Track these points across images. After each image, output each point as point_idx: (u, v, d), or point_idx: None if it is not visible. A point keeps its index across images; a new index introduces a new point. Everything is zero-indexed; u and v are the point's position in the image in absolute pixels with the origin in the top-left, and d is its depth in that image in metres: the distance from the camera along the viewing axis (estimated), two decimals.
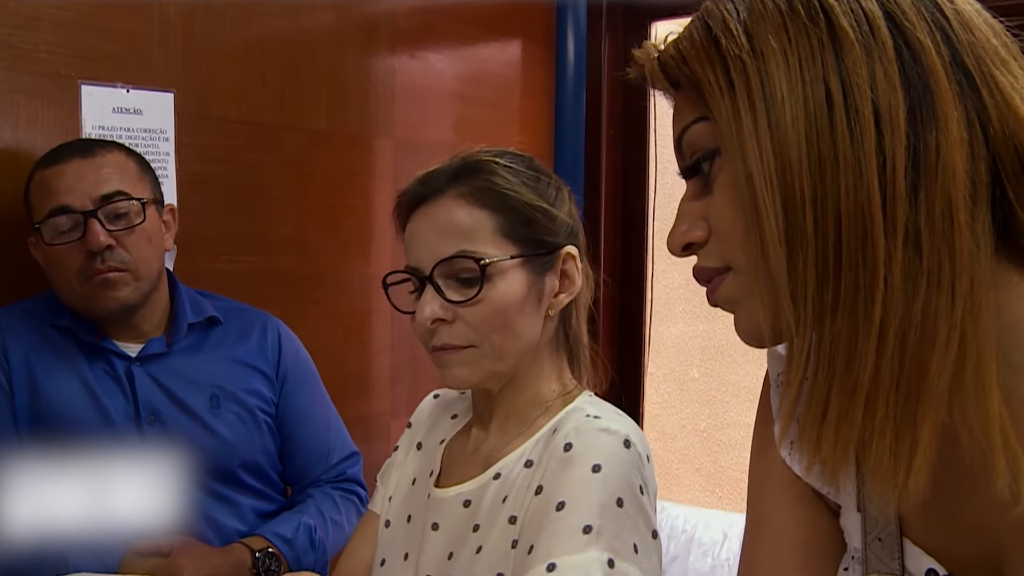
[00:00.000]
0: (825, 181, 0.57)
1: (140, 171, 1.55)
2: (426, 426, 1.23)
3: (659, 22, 2.71)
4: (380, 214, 2.20)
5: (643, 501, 0.99)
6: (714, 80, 0.61)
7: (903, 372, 0.57)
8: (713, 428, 3.34)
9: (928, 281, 0.56)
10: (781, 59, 0.59)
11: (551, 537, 0.95)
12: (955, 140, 0.57)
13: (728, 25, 0.61)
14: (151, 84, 1.76)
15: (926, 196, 0.56)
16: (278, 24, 2.00)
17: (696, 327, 3.31)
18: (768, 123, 0.58)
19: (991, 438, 0.57)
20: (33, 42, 1.62)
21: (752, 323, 0.64)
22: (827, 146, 0.57)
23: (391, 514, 1.19)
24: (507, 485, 1.05)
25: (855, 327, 0.57)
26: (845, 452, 0.59)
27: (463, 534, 1.06)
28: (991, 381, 0.57)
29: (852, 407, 0.58)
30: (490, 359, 1.05)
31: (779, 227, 0.58)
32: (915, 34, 0.58)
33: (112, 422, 1.48)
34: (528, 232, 1.06)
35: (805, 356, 0.59)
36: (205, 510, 1.54)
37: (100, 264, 1.44)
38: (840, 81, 0.57)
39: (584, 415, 1.04)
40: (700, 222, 0.66)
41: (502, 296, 1.04)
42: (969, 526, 0.64)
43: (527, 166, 1.10)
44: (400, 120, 2.24)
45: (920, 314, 0.56)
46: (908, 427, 0.57)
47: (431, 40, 2.33)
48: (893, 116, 0.56)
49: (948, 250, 0.56)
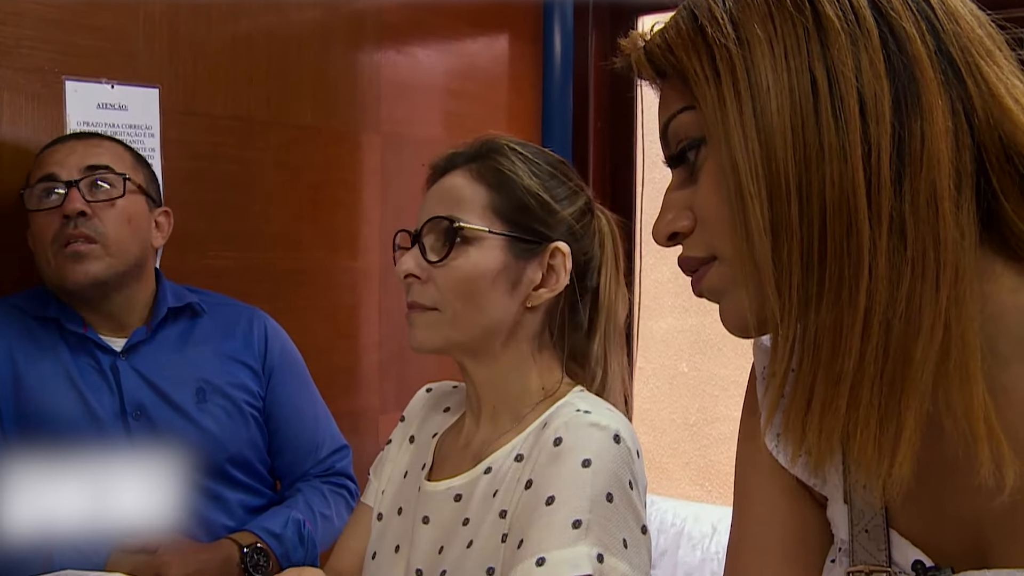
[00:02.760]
0: (810, 170, 0.57)
1: (135, 162, 1.57)
2: (419, 419, 1.23)
3: (645, 16, 2.71)
4: (368, 209, 2.20)
5: (632, 496, 0.99)
6: (700, 69, 0.61)
7: (888, 361, 0.57)
8: (702, 422, 3.35)
9: (913, 270, 0.56)
10: (767, 48, 0.59)
11: (541, 531, 0.95)
12: (940, 129, 0.57)
13: (714, 14, 0.61)
14: (136, 80, 1.75)
15: (911, 185, 0.56)
16: (264, 19, 2.00)
17: (685, 321, 3.31)
18: (753, 111, 0.59)
19: (975, 427, 0.57)
20: (16, 38, 1.61)
21: (737, 313, 0.64)
22: (812, 135, 0.57)
23: (383, 507, 1.19)
24: (497, 479, 1.05)
25: (840, 316, 0.57)
26: (830, 441, 0.59)
27: (454, 528, 1.06)
28: (975, 370, 0.57)
29: (837, 396, 0.58)
30: (449, 325, 1.07)
31: (764, 216, 0.58)
32: (900, 23, 0.58)
33: (98, 417, 1.47)
34: (520, 216, 1.08)
35: (790, 346, 0.60)
36: (193, 506, 1.53)
37: (72, 229, 1.45)
38: (826, 70, 0.57)
39: (574, 410, 1.04)
40: (685, 212, 0.66)
41: (473, 266, 1.06)
42: (954, 516, 0.64)
43: (546, 161, 1.12)
44: (387, 115, 2.23)
45: (905, 303, 0.56)
46: (892, 416, 0.58)
47: (418, 35, 2.32)
48: (878, 105, 0.57)
49: (933, 239, 0.56)
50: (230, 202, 1.94)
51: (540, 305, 1.10)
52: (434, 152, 1.16)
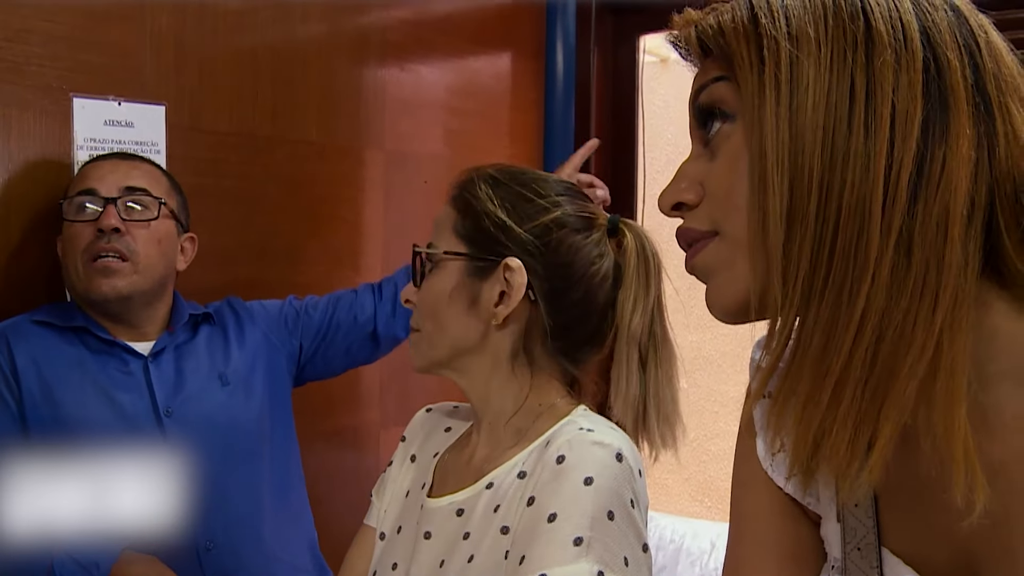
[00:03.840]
0: (834, 170, 0.59)
1: (170, 187, 1.64)
2: (420, 439, 1.24)
3: (647, 34, 2.73)
4: (371, 225, 2.21)
5: (634, 514, 1.00)
6: (746, 55, 0.63)
7: (874, 368, 0.58)
8: (702, 438, 3.36)
9: (913, 286, 0.58)
10: (815, 47, 0.60)
11: (542, 548, 0.96)
12: (963, 158, 0.58)
13: (771, 6, 0.63)
14: (143, 96, 1.77)
15: (924, 205, 0.58)
16: (269, 37, 2.01)
17: (685, 338, 3.30)
18: (790, 104, 0.60)
19: (953, 450, 0.58)
20: (26, 55, 1.63)
21: (725, 294, 0.66)
22: (841, 138, 0.59)
23: (385, 526, 1.20)
24: (499, 495, 1.06)
25: (836, 314, 0.59)
26: (806, 435, 0.60)
27: (455, 542, 1.07)
28: (960, 395, 0.58)
29: (820, 390, 0.59)
30: (427, 344, 1.14)
31: (782, 205, 0.60)
32: (945, 53, 0.60)
33: (132, 420, 1.51)
34: (478, 236, 1.11)
35: (786, 336, 0.61)
36: (226, 499, 1.57)
37: (105, 243, 1.51)
38: (866, 80, 0.59)
39: (577, 428, 1.04)
40: (695, 185, 0.67)
41: (433, 286, 1.12)
42: (942, 535, 0.65)
43: (521, 182, 1.13)
44: (390, 132, 2.25)
45: (901, 317, 0.58)
46: (869, 422, 0.59)
47: (421, 53, 2.34)
48: (908, 123, 0.58)
49: (937, 261, 0.58)
50: (235, 217, 1.95)
51: (509, 322, 1.10)
52: (437, 168, 1.18)
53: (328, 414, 1.80)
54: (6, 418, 1.46)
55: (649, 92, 2.81)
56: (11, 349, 1.49)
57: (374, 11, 2.23)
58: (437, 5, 2.40)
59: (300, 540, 1.71)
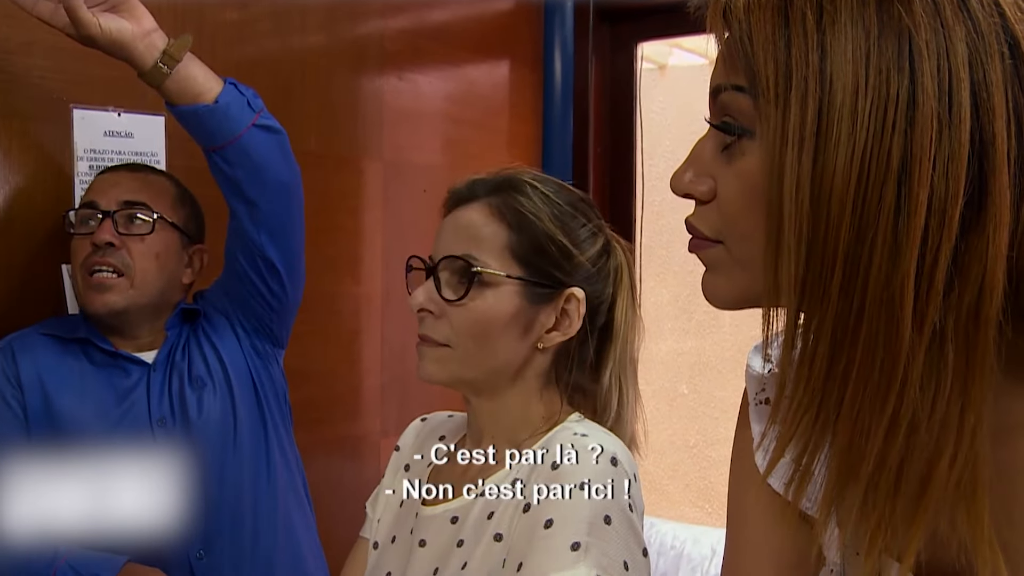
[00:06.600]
0: (862, 246, 0.52)
1: (177, 199, 1.61)
2: (413, 449, 1.24)
3: (645, 42, 2.74)
4: (369, 235, 2.22)
5: (632, 519, 1.00)
6: (772, 83, 0.55)
7: (905, 477, 0.54)
8: (702, 444, 3.36)
9: (949, 388, 0.53)
10: (851, 95, 0.52)
11: (540, 554, 0.96)
12: (1000, 253, 0.52)
13: (807, 28, 0.55)
14: (143, 108, 1.77)
15: (959, 299, 0.52)
16: (267, 47, 2.02)
17: (685, 344, 3.33)
18: (814, 162, 0.53)
19: (979, 548, 0.55)
20: (27, 67, 1.63)
21: (722, 292, 0.63)
22: (871, 213, 0.52)
23: (379, 536, 1.20)
24: (494, 502, 1.06)
25: (863, 414, 0.53)
26: (846, 524, 0.58)
27: (449, 549, 1.07)
28: (984, 492, 0.54)
29: (846, 492, 0.56)
30: (459, 363, 1.08)
31: (797, 272, 0.54)
32: (992, 123, 0.52)
33: (134, 429, 1.52)
34: (538, 260, 1.07)
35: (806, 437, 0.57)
36: (219, 505, 1.57)
37: (99, 257, 1.50)
38: (903, 149, 0.52)
39: (572, 433, 1.05)
40: (708, 180, 0.61)
41: (488, 308, 1.06)
42: (944, 541, 0.65)
43: (568, 200, 1.11)
44: (389, 142, 2.26)
45: (937, 423, 0.53)
46: (899, 531, 0.56)
47: (419, 62, 2.35)
48: (949, 206, 0.51)
49: (968, 359, 0.52)
50: None
51: (550, 346, 1.10)
52: (435, 177, 1.17)
53: (328, 424, 1.80)
54: (15, 427, 1.48)
55: (647, 99, 2.82)
56: (16, 360, 1.50)
57: (372, 21, 2.24)
58: (435, 15, 2.40)
59: (301, 547, 1.71)
